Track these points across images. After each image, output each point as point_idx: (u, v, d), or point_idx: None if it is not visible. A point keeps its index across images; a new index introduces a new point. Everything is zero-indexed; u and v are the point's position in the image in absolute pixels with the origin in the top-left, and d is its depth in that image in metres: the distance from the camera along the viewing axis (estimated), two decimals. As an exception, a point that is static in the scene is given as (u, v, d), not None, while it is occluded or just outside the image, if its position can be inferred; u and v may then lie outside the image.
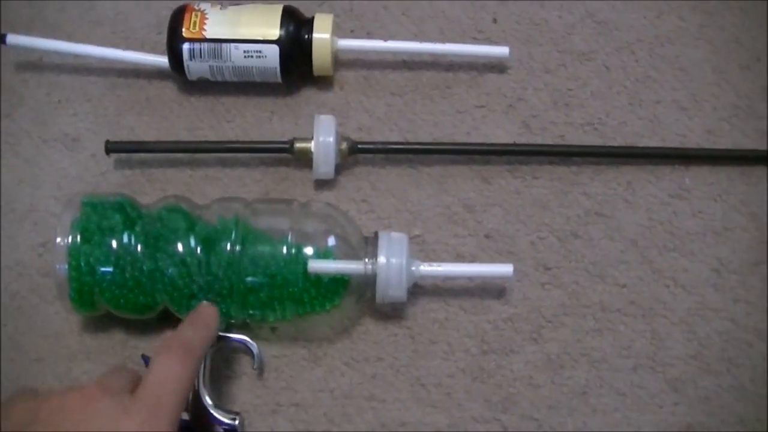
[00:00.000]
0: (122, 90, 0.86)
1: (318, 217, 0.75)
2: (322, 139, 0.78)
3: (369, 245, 0.73)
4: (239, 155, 0.82)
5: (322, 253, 0.72)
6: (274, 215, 0.75)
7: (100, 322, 0.78)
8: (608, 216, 0.80)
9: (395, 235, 0.73)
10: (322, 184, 0.81)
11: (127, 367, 0.72)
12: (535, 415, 0.76)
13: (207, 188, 0.82)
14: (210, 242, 0.72)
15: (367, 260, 0.72)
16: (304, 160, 0.79)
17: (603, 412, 0.76)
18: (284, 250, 0.72)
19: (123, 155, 0.83)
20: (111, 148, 0.81)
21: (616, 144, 0.83)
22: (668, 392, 0.76)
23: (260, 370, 0.77)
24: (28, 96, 0.86)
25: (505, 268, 0.74)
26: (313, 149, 0.78)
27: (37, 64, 0.87)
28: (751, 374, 0.77)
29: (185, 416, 0.72)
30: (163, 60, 0.82)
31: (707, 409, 0.76)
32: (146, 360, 0.75)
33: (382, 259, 0.72)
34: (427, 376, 0.77)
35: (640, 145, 0.82)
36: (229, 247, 0.72)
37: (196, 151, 0.82)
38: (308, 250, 0.72)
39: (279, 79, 0.81)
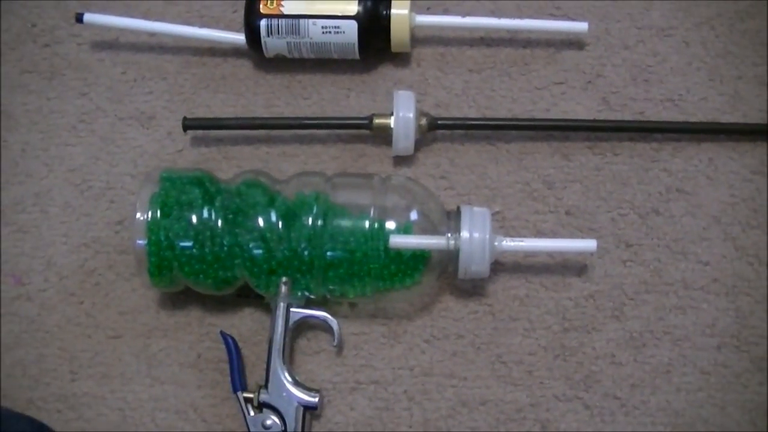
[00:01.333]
0: (197, 68, 0.85)
1: (399, 192, 0.74)
2: (402, 115, 0.77)
3: (451, 220, 0.72)
4: (316, 132, 0.82)
5: (404, 228, 0.72)
6: (355, 190, 0.75)
7: (177, 299, 0.78)
8: (689, 193, 0.79)
9: (477, 209, 0.73)
10: (400, 161, 0.81)
11: None
12: (617, 394, 0.75)
13: (284, 165, 0.81)
14: (290, 217, 0.72)
15: (449, 235, 0.71)
16: (383, 136, 0.79)
17: (686, 391, 0.75)
18: (365, 224, 0.71)
19: (199, 133, 0.83)
20: (188, 124, 0.80)
21: (696, 120, 0.81)
22: (753, 371, 0.75)
23: (340, 347, 0.76)
24: (104, 74, 0.86)
25: (588, 244, 0.73)
26: (392, 125, 0.77)
27: (112, 42, 0.87)
28: (837, 351, 0.76)
29: (264, 393, 0.72)
30: (239, 37, 0.82)
31: (792, 388, 0.75)
32: (225, 337, 0.75)
33: (465, 233, 0.71)
34: (507, 353, 0.76)
35: (721, 120, 0.81)
36: (309, 221, 0.71)
37: (273, 127, 0.82)
38: (390, 225, 0.72)
39: (357, 56, 0.81)
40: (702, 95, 0.82)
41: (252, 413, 0.73)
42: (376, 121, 0.78)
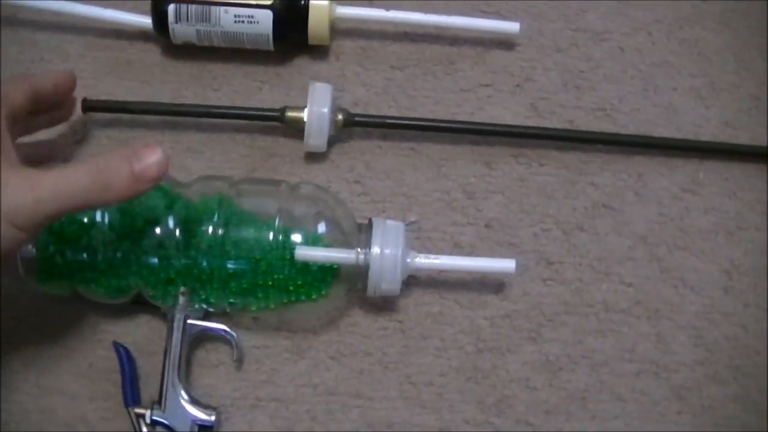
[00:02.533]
0: (101, 51, 0.79)
1: (308, 201, 0.70)
2: (317, 109, 0.73)
3: (362, 233, 0.68)
4: (225, 126, 0.77)
5: (311, 240, 0.68)
6: (261, 197, 0.71)
7: (69, 302, 0.73)
8: (617, 209, 0.76)
9: (391, 223, 0.69)
10: (313, 162, 0.76)
11: None
12: (530, 420, 0.72)
13: (189, 162, 0.76)
14: (190, 223, 0.68)
15: (359, 249, 0.67)
16: (296, 130, 0.74)
17: (602, 419, 0.73)
18: (270, 234, 0.67)
19: (100, 118, 0.77)
20: (89, 105, 0.75)
21: (628, 132, 0.78)
22: (672, 400, 0.73)
23: (239, 362, 0.73)
24: (2, 54, 0.79)
25: (507, 264, 0.69)
26: (306, 118, 0.73)
27: (11, 19, 0.80)
28: (759, 384, 0.74)
29: (158, 410, 0.68)
30: (146, 20, 0.76)
31: (711, 419, 0.73)
32: (118, 348, 0.71)
33: (375, 249, 0.67)
34: (417, 373, 0.73)
35: (654, 134, 0.78)
36: (211, 229, 0.67)
37: (180, 114, 0.76)
38: (296, 236, 0.68)
39: (271, 47, 0.76)
40: (635, 105, 0.78)
41: (145, 430, 0.69)
42: (289, 113, 0.74)
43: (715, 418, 0.73)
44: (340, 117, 0.74)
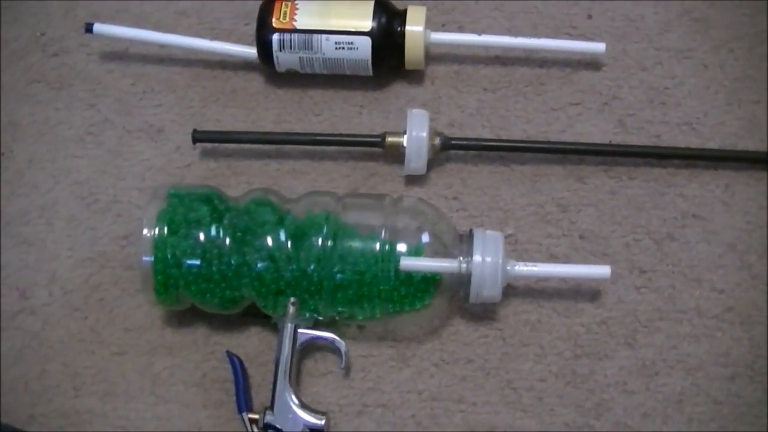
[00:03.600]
0: (208, 81, 0.84)
1: (410, 213, 0.73)
2: (415, 134, 0.76)
3: (463, 243, 0.71)
4: (327, 149, 0.81)
5: (414, 251, 0.70)
6: (366, 211, 0.74)
7: (183, 316, 0.77)
8: (705, 219, 0.78)
9: (490, 233, 0.71)
10: (412, 181, 0.80)
11: None
12: (628, 422, 0.74)
13: (294, 182, 0.80)
14: (299, 237, 0.71)
15: (461, 258, 0.70)
16: (395, 155, 0.78)
17: (699, 421, 0.74)
18: (376, 246, 0.70)
19: (208, 147, 0.81)
20: (198, 137, 0.79)
21: (713, 145, 0.80)
22: (766, 402, 0.74)
23: (347, 370, 0.75)
24: (113, 86, 0.85)
25: (602, 270, 0.72)
26: (405, 144, 0.76)
27: (122, 54, 0.85)
28: None
29: (270, 415, 0.71)
30: (251, 51, 0.81)
31: (807, 420, 0.74)
32: (231, 357, 0.74)
33: (477, 257, 0.70)
34: (518, 379, 0.75)
35: (739, 146, 0.80)
36: (319, 242, 0.70)
37: (284, 142, 0.80)
38: (401, 247, 0.70)
39: (370, 72, 0.80)
40: (719, 119, 0.81)
41: (257, 434, 0.72)
42: (389, 139, 0.77)
43: (811, 420, 0.74)
44: (437, 141, 0.78)
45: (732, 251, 0.77)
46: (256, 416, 0.72)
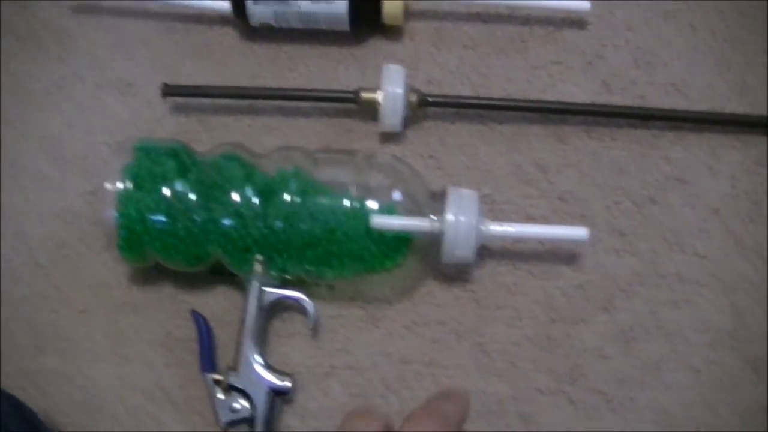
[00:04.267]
0: (181, 35, 0.82)
1: (383, 170, 0.71)
2: (391, 90, 0.74)
3: (436, 201, 0.69)
4: (301, 105, 0.79)
5: (387, 209, 0.68)
6: (337, 167, 0.72)
7: (149, 274, 0.75)
8: (689, 182, 0.76)
9: (465, 191, 0.69)
10: (387, 138, 0.77)
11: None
12: (603, 389, 0.72)
13: (266, 138, 0.78)
14: (268, 193, 0.69)
15: (434, 217, 0.68)
16: (370, 111, 0.75)
17: (676, 389, 0.72)
18: (346, 203, 0.68)
19: (179, 102, 0.79)
20: (168, 91, 0.77)
21: (700, 108, 0.77)
22: (747, 371, 0.72)
23: (315, 331, 0.73)
24: (83, 39, 0.82)
25: (579, 232, 0.69)
26: (380, 100, 0.74)
27: (94, 6, 0.83)
28: (837, 357, 0.72)
29: (234, 376, 0.69)
30: (224, 4, 0.78)
31: (789, 391, 0.72)
32: (196, 316, 0.72)
33: (450, 216, 0.68)
34: (491, 342, 0.73)
35: (726, 110, 0.77)
36: (287, 198, 0.68)
37: (256, 97, 0.78)
38: (372, 205, 0.68)
39: (347, 27, 0.77)
40: (707, 82, 0.78)
41: (221, 396, 0.70)
42: (364, 95, 0.75)
43: (792, 391, 0.72)
44: (414, 98, 0.75)
45: (716, 216, 0.75)
46: (220, 377, 0.70)
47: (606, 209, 0.75)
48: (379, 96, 0.74)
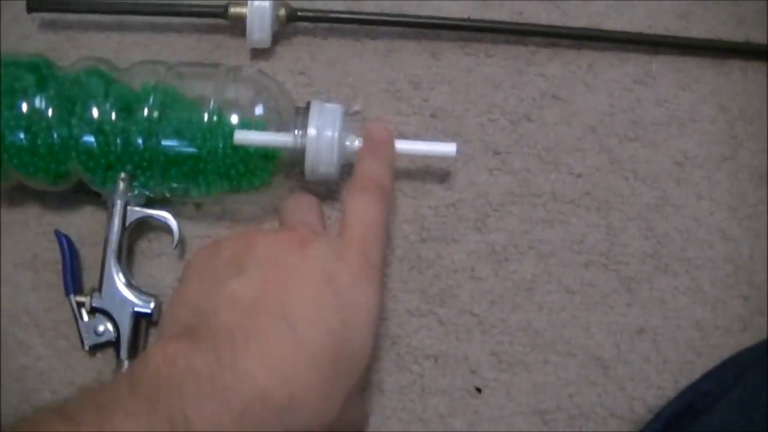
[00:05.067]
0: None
1: (246, 84, 0.69)
2: (257, 4, 0.72)
3: (299, 116, 0.67)
4: (173, 21, 0.76)
5: (250, 124, 0.66)
6: (199, 80, 0.69)
7: (14, 194, 0.73)
8: (565, 100, 0.74)
9: (328, 105, 0.67)
10: (258, 55, 0.75)
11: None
12: (474, 310, 0.71)
13: (136, 55, 0.75)
14: (128, 108, 0.67)
15: (297, 132, 0.66)
16: (240, 27, 0.73)
17: (549, 310, 0.71)
18: (206, 117, 0.66)
19: (47, 17, 0.77)
20: (33, 5, 0.74)
21: (578, 24, 0.76)
22: (621, 292, 0.71)
23: (181, 250, 0.72)
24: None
25: (448, 147, 0.68)
26: (247, 14, 0.72)
27: None
28: (711, 276, 0.72)
29: (98, 298, 0.68)
30: None
31: (662, 311, 0.71)
32: (59, 237, 0.70)
33: (312, 130, 0.66)
34: (360, 263, 0.71)
35: (605, 26, 0.76)
36: (147, 113, 0.66)
37: (124, 12, 0.75)
38: (233, 119, 0.66)
39: (216, -59, 0.75)
40: (586, -3, 0.76)
41: (85, 318, 0.69)
42: (232, 9, 0.73)
43: (666, 311, 0.71)
44: (282, 11, 0.73)
45: (592, 134, 0.74)
46: (84, 299, 0.69)
47: (480, 126, 0.74)
48: (246, 10, 0.72)
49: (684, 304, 0.71)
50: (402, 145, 0.69)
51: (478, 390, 0.70)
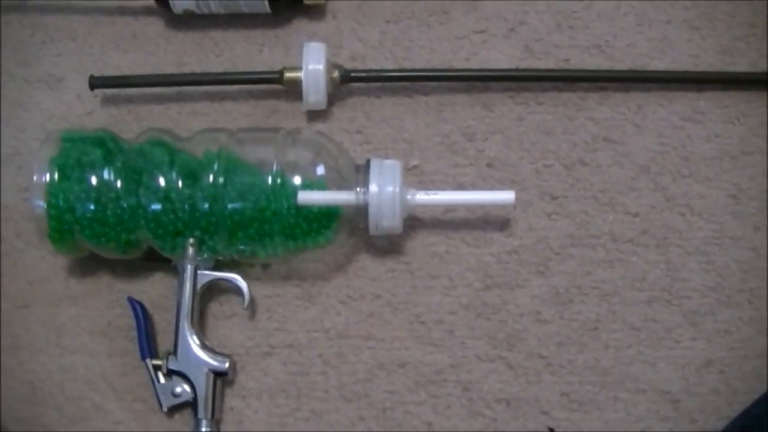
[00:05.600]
0: (107, 28, 0.82)
1: (306, 146, 0.71)
2: (312, 67, 0.74)
3: (360, 174, 0.69)
4: (228, 89, 0.79)
5: (312, 184, 0.68)
6: (260, 144, 0.72)
7: (86, 265, 0.76)
8: (617, 142, 0.76)
9: (388, 162, 0.69)
10: (314, 117, 0.77)
11: None
12: (542, 353, 0.72)
13: (195, 124, 0.78)
14: (193, 175, 0.69)
15: (358, 189, 0.68)
16: (295, 91, 0.76)
17: (616, 348, 0.72)
18: (268, 180, 0.68)
19: (109, 94, 0.79)
20: (95, 83, 0.77)
21: (624, 67, 0.78)
22: (685, 326, 0.72)
23: (251, 311, 0.74)
24: (11, 37, 0.82)
25: (506, 195, 0.70)
26: (302, 78, 0.74)
27: (20, 5, 0.83)
28: (774, 305, 0.72)
29: (173, 360, 0.69)
30: (147, -6, 0.79)
31: (727, 343, 0.72)
32: (133, 303, 0.72)
33: (373, 187, 0.68)
34: (427, 312, 0.73)
35: (650, 68, 0.77)
36: (212, 179, 0.68)
37: (182, 83, 0.78)
38: (296, 180, 0.68)
39: (267, 9, 0.77)
40: (629, 41, 0.78)
41: (162, 381, 0.71)
42: (287, 74, 0.75)
43: (731, 342, 0.72)
44: (336, 74, 0.75)
45: (645, 173, 0.75)
46: (159, 362, 0.71)
47: (535, 173, 0.75)
48: (301, 74, 0.74)
49: (748, 334, 0.72)
50: (461, 196, 0.71)
51: (552, 430, 0.71)
